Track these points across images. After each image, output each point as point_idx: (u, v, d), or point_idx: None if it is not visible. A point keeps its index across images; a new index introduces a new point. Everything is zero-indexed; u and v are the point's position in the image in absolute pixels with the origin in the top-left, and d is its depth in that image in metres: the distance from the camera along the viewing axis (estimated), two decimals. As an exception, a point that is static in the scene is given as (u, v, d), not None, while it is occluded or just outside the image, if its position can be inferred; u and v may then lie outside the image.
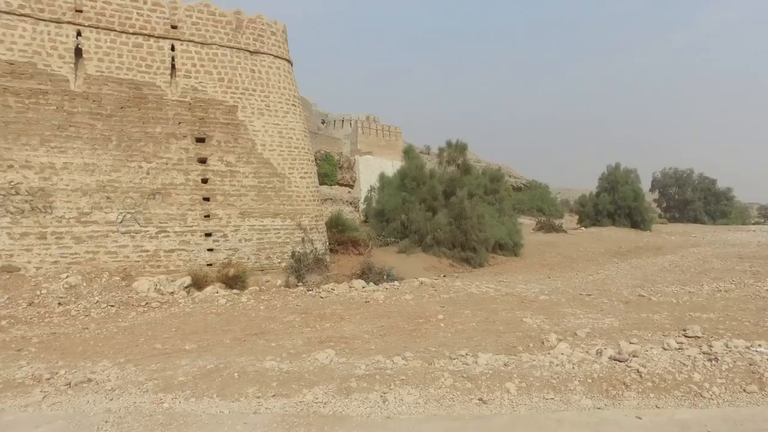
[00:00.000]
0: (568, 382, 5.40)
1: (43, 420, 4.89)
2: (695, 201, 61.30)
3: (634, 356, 5.92)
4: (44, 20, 11.38)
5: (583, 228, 38.45)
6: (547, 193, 54.99)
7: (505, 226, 23.22)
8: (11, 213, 10.88)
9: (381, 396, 5.24)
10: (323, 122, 50.89)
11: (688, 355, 5.96)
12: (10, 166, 10.93)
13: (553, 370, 5.78)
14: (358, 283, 13.01)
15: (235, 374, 5.97)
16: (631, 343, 6.68)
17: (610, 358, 5.93)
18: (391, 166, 37.58)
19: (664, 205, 65.93)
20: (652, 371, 5.49)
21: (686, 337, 7.19)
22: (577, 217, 45.79)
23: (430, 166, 26.49)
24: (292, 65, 14.74)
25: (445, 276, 16.58)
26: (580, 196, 47.48)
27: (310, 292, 11.99)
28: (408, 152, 24.36)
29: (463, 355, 6.62)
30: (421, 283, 13.54)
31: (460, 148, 24.00)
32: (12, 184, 10.92)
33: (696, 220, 58.75)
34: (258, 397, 5.29)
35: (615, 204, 39.71)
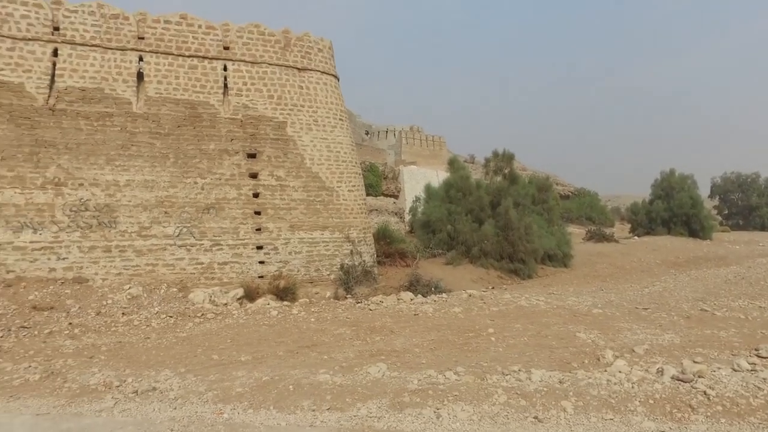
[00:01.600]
0: (628, 402, 5.23)
1: (116, 425, 5.18)
2: (762, 207, 57.66)
3: (699, 377, 5.65)
4: (111, 48, 12.17)
5: (635, 237, 36.98)
6: (596, 201, 53.23)
7: (554, 237, 22.70)
8: (81, 228, 11.60)
9: (434, 412, 5.24)
10: (367, 133, 51.52)
11: (764, 378, 5.63)
12: (81, 185, 11.68)
13: (611, 388, 5.61)
14: (407, 295, 13.04)
15: (290, 386, 6.12)
16: (695, 362, 6.39)
17: (672, 377, 5.70)
18: (436, 175, 37.51)
19: (726, 212, 62.44)
20: (721, 394, 5.23)
21: (759, 357, 6.76)
22: (629, 225, 44.09)
23: (475, 175, 26.31)
24: (338, 80, 15.05)
25: (493, 288, 16.36)
26: (632, 204, 45.68)
27: (359, 304, 12.11)
28: (453, 163, 24.30)
29: (516, 371, 6.53)
30: (470, 296, 13.42)
31: (507, 157, 23.70)
32: (82, 201, 11.66)
33: (764, 228, 55.21)
34: (313, 410, 5.40)
35: (670, 211, 37.99)
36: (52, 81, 11.77)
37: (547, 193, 26.47)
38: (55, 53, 11.84)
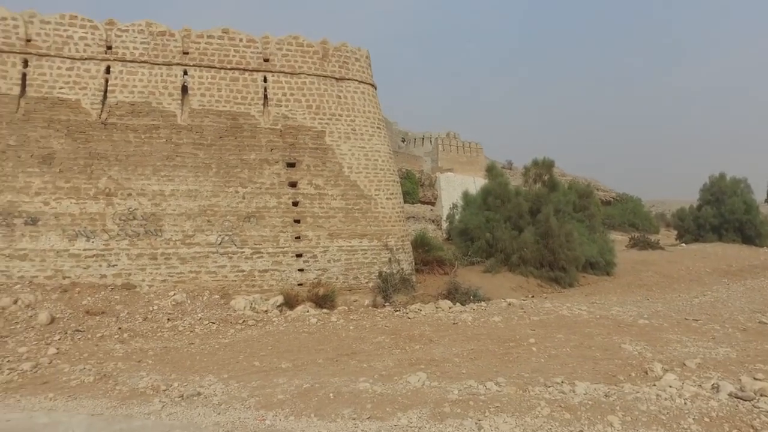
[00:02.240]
0: (681, 420, 5.00)
1: (164, 428, 5.35)
2: (825, 212, 54.19)
3: (761, 395, 5.35)
4: (158, 64, 12.70)
5: (683, 244, 35.49)
6: (639, 207, 51.53)
7: (596, 244, 22.07)
8: (129, 236, 12.08)
9: (476, 423, 5.16)
10: (403, 141, 51.62)
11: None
12: (129, 195, 12.18)
13: (662, 404, 5.39)
14: (445, 303, 12.94)
15: (331, 394, 6.16)
16: (756, 379, 6.04)
17: (730, 395, 5.41)
18: (473, 182, 37.22)
19: (785, 217, 58.97)
20: (787, 415, 4.93)
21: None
22: (675, 232, 42.41)
23: (513, 182, 25.95)
24: (375, 89, 15.17)
25: (533, 296, 16.04)
26: (679, 210, 43.89)
27: (397, 312, 12.10)
28: (491, 170, 24.03)
29: (558, 383, 6.38)
30: (509, 304, 13.21)
31: (547, 164, 23.29)
32: (130, 210, 12.15)
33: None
34: (354, 419, 5.41)
35: (721, 217, 36.25)
36: (105, 96, 12.37)
37: (588, 200, 25.81)
38: (107, 70, 12.44)
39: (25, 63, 12.04)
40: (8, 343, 8.94)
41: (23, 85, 11.99)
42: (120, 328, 10.12)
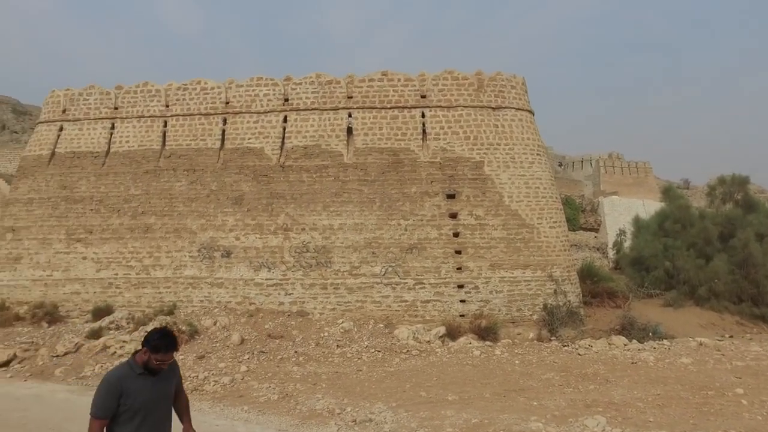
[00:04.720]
0: None
1: (341, 452, 5.63)
2: None
3: None
4: (326, 110, 14.06)
5: None
6: None
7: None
8: (303, 267, 13.27)
9: (677, 483, 4.50)
10: (560, 165, 49.22)
11: None
12: (303, 229, 13.45)
13: None
14: (619, 339, 11.73)
15: (502, 432, 5.91)
16: None
17: None
18: (642, 206, 33.72)
19: None
20: None
21: None
22: None
23: (692, 203, 22.94)
24: (533, 115, 14.75)
25: (731, 336, 13.72)
26: None
27: (565, 347, 11.28)
28: (668, 191, 21.57)
29: (786, 448, 5.28)
30: (701, 344, 11.48)
31: (739, 181, 20.15)
32: (304, 243, 13.38)
33: None
34: (530, 462, 5.11)
35: None
36: (282, 143, 14.01)
37: (803, 220, 21.56)
38: (285, 120, 14.14)
39: (224, 121, 14.36)
40: (211, 359, 10.35)
41: (222, 140, 14.20)
42: (296, 352, 11.03)
